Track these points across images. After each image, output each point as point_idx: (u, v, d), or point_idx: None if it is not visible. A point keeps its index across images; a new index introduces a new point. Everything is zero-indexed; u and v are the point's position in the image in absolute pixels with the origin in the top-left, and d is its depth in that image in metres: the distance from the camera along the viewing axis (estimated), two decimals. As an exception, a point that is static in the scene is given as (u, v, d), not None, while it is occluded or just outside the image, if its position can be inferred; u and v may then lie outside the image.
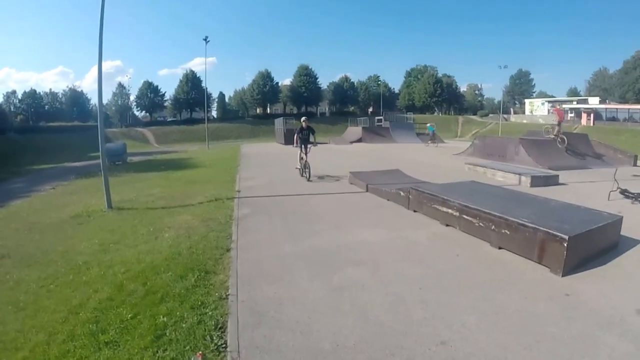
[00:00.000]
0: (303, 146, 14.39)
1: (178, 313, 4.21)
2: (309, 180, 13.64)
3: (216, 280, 5.11)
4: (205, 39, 51.29)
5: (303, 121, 14.90)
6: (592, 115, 77.38)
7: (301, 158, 14.37)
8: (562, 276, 5.38)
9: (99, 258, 6.29)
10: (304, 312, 4.19)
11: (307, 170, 14.00)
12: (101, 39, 10.33)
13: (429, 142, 38.67)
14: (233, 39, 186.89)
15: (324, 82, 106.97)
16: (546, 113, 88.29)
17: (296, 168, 14.99)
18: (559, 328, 4.01)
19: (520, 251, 6.08)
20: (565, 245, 5.34)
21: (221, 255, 6.07)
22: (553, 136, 25.03)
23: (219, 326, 3.98)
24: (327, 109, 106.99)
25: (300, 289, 4.78)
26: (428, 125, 44.35)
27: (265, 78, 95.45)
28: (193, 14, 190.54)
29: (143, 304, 4.48)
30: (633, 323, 4.19)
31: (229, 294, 4.66)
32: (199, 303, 4.44)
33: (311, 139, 14.71)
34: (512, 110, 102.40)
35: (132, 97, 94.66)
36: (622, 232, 7.15)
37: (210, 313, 4.21)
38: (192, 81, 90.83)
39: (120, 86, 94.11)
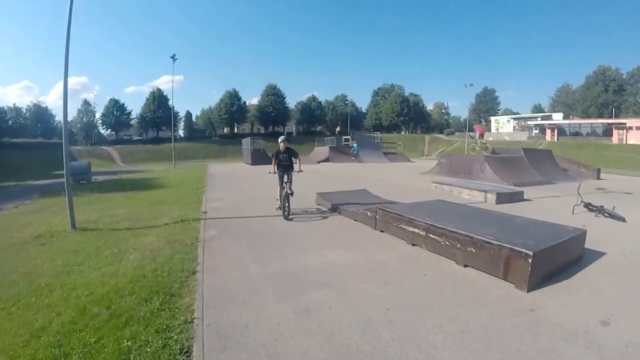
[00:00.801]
0: (284, 174, 11.46)
1: (142, 337, 4.13)
2: (287, 218, 10.67)
3: (181, 304, 5.03)
4: (172, 57, 51.07)
5: (281, 142, 11.65)
6: (556, 130, 79.35)
7: (283, 188, 11.24)
8: (528, 292, 5.48)
9: (62, 280, 6.14)
10: (270, 335, 4.16)
11: (286, 204, 10.87)
12: (67, 54, 10.11)
13: (353, 159, 41.89)
14: (201, 57, 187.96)
15: (291, 101, 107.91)
16: (511, 130, 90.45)
17: (277, 202, 11.74)
18: (524, 343, 4.07)
19: (485, 268, 6.16)
20: (530, 261, 5.45)
21: (187, 278, 5.97)
22: (478, 148, 26.53)
23: (184, 350, 3.92)
24: (294, 128, 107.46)
25: (267, 312, 4.74)
26: (354, 145, 45.77)
27: (233, 97, 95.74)
28: (161, 31, 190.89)
29: (107, 327, 4.38)
30: (598, 335, 4.30)
31: (194, 318, 4.59)
32: (164, 327, 4.35)
33: (294, 164, 11.90)
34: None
35: (97, 115, 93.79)
36: (587, 246, 7.36)
37: (175, 337, 4.14)
38: (159, 99, 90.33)
39: (86, 103, 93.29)
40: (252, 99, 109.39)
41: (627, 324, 4.60)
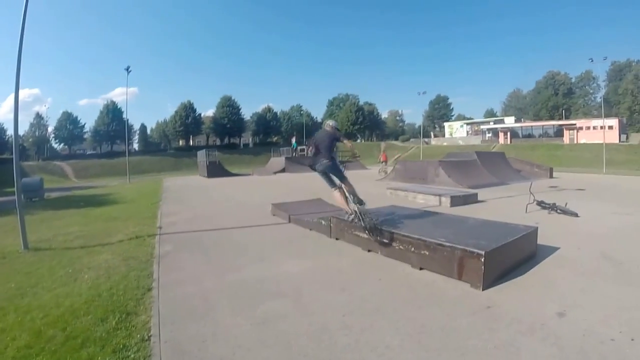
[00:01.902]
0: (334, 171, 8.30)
1: (99, 358, 4.03)
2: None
3: (138, 322, 4.93)
4: (127, 69, 49.93)
5: (328, 126, 8.52)
6: (508, 133, 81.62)
7: (339, 188, 8.30)
8: (483, 290, 5.60)
9: (16, 303, 5.90)
10: (227, 348, 4.13)
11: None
12: (19, 66, 9.78)
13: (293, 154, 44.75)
14: (155, 68, 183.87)
15: (247, 112, 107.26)
16: (465, 135, 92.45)
17: (347, 214, 8.43)
18: (482, 340, 4.17)
19: (440, 270, 6.27)
20: (483, 260, 5.58)
21: (142, 295, 5.86)
22: (384, 173, 28.50)
23: (142, 369, 3.84)
24: (250, 139, 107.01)
25: (223, 325, 4.70)
26: (293, 142, 46.83)
27: (188, 109, 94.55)
28: (115, 42, 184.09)
29: (63, 350, 4.25)
30: (554, 326, 4.44)
31: (151, 335, 4.50)
32: (121, 346, 4.25)
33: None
34: (432, 134, 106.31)
35: (50, 129, 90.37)
36: (540, 242, 7.60)
37: (132, 356, 4.06)
38: (112, 112, 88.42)
39: (38, 116, 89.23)
40: (208, 111, 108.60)
41: (582, 314, 4.77)
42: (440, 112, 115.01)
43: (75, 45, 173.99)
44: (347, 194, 8.16)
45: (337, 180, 8.27)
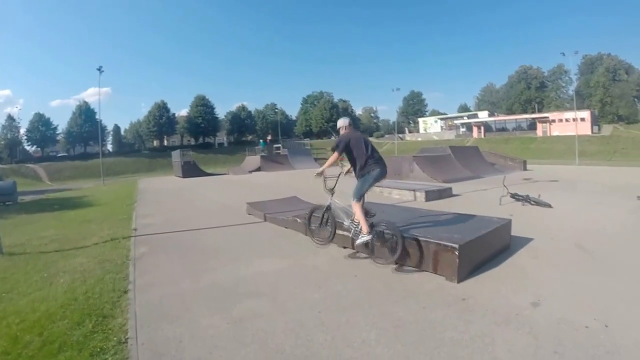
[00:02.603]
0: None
1: (77, 362, 4.00)
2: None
3: (114, 324, 4.88)
4: (99, 69, 49.15)
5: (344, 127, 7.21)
6: (482, 128, 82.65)
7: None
8: (458, 282, 5.68)
9: (-8, 309, 5.87)
10: (204, 348, 4.12)
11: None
12: None
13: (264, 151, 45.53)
14: (128, 68, 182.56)
15: (221, 112, 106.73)
16: (439, 130, 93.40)
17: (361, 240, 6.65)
18: (457, 331, 4.23)
19: (415, 265, 6.33)
20: (457, 253, 5.65)
21: (118, 298, 5.80)
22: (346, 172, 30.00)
23: (120, 372, 3.81)
24: (225, 139, 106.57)
25: (200, 326, 4.70)
26: (261, 142, 47.26)
27: (162, 109, 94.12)
28: (88, 41, 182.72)
29: (40, 355, 4.19)
30: (529, 316, 4.54)
31: (128, 338, 4.47)
32: (98, 349, 4.21)
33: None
34: (406, 129, 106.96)
35: (22, 131, 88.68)
36: (515, 233, 7.73)
37: (109, 359, 4.03)
38: (85, 113, 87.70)
39: (10, 118, 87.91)
40: (182, 110, 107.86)
41: (557, 302, 4.88)
42: (414, 108, 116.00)
43: (47, 45, 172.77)
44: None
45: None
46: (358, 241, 6.65)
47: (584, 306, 4.74)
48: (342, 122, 7.25)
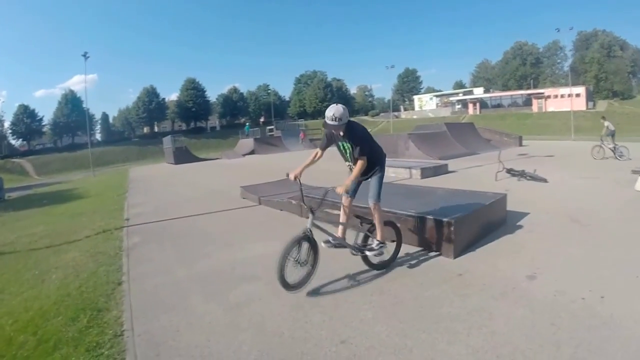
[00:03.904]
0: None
1: (73, 358, 4.01)
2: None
3: (110, 318, 4.91)
4: (84, 55, 48.25)
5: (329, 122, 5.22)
6: (478, 104, 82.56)
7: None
8: (454, 258, 5.77)
9: (-17, 312, 5.88)
10: (202, 335, 4.17)
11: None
12: None
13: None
14: (114, 53, 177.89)
15: (212, 94, 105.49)
16: (434, 107, 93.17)
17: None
18: (455, 307, 4.32)
19: (412, 241, 6.40)
20: (452, 229, 5.74)
21: (113, 290, 5.82)
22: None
23: (117, 365, 3.85)
24: (217, 122, 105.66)
25: (196, 313, 4.74)
26: (246, 125, 47.22)
27: (151, 94, 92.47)
28: (69, 26, 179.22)
29: (35, 355, 4.20)
30: (525, 289, 4.64)
31: (124, 330, 4.50)
32: (94, 344, 4.23)
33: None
34: (402, 107, 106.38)
35: (6, 124, 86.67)
36: (510, 208, 7.81)
37: (106, 353, 4.05)
38: (72, 102, 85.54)
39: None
40: (171, 95, 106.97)
41: (553, 275, 4.98)
42: (409, 85, 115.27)
43: (28, 32, 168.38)
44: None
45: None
46: (379, 257, 5.50)
47: (580, 278, 4.83)
48: (344, 113, 5.14)
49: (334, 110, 5.12)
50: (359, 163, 5.16)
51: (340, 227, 5.61)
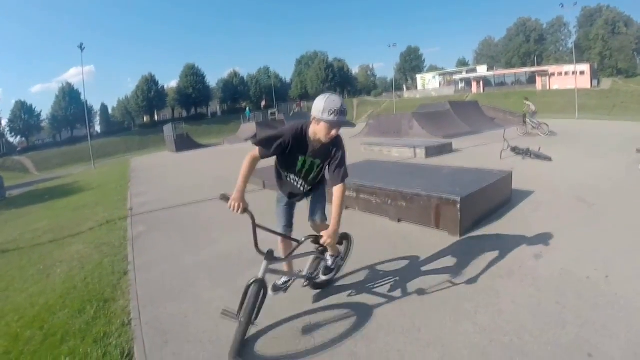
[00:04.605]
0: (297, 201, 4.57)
1: (81, 350, 4.05)
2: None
3: (117, 307, 4.97)
4: (80, 46, 48.12)
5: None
6: (481, 82, 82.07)
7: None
8: (461, 236, 5.83)
9: (-11, 310, 5.93)
10: (210, 321, 4.22)
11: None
12: None
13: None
14: (111, 42, 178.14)
15: (212, 80, 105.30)
16: (438, 86, 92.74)
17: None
18: (461, 286, 4.37)
19: (418, 220, 6.45)
20: (458, 206, 5.77)
21: (119, 280, 5.89)
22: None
23: (126, 354, 3.90)
24: (218, 108, 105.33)
25: (204, 299, 4.80)
26: (247, 110, 46.95)
27: (150, 83, 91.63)
28: (62, 18, 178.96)
29: (43, 349, 4.25)
30: (532, 267, 4.69)
31: (131, 319, 4.56)
32: (102, 335, 4.30)
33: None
34: (404, 86, 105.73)
35: (4, 122, 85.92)
36: (516, 186, 7.86)
37: (114, 342, 4.10)
38: (69, 95, 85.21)
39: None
40: (171, 82, 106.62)
41: (558, 255, 5.01)
42: (411, 64, 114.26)
43: (21, 25, 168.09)
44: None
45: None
46: (329, 275, 4.53)
47: (585, 257, 4.86)
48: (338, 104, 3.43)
49: (342, 101, 3.48)
50: (340, 191, 3.80)
51: (285, 263, 4.42)
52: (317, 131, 3.55)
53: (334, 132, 3.52)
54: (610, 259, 4.77)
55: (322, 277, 4.54)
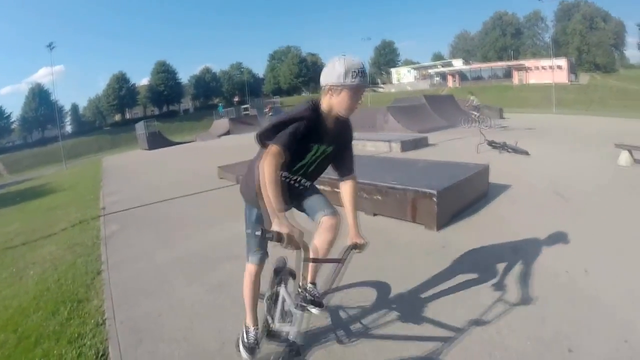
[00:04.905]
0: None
1: (55, 352, 3.99)
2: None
3: (90, 308, 4.92)
4: (49, 46, 47.59)
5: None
6: (457, 76, 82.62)
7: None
8: (437, 230, 5.85)
9: (-39, 316, 5.82)
10: (185, 318, 4.21)
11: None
12: None
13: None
14: (80, 41, 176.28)
15: (184, 76, 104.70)
16: (413, 80, 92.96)
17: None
18: (439, 279, 4.39)
19: (394, 214, 6.48)
20: (435, 200, 5.80)
21: (92, 280, 5.82)
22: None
23: (100, 354, 3.85)
24: (190, 104, 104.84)
25: (178, 296, 4.77)
26: (219, 106, 47.07)
27: (121, 80, 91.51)
28: (30, 16, 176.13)
29: (17, 353, 4.18)
30: (509, 260, 4.72)
31: (105, 319, 4.51)
32: (76, 335, 4.25)
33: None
34: (379, 80, 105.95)
35: None
36: (493, 180, 7.93)
37: (88, 343, 4.06)
38: (40, 95, 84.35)
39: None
40: (142, 80, 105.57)
41: (536, 248, 5.09)
42: (386, 57, 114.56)
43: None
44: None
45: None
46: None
47: (563, 252, 4.93)
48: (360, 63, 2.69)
49: (361, 60, 2.69)
50: (354, 187, 3.26)
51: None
52: (335, 104, 2.74)
53: (362, 98, 2.79)
54: (589, 253, 4.83)
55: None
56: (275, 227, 2.28)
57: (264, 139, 2.69)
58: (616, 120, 19.24)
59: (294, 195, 3.11)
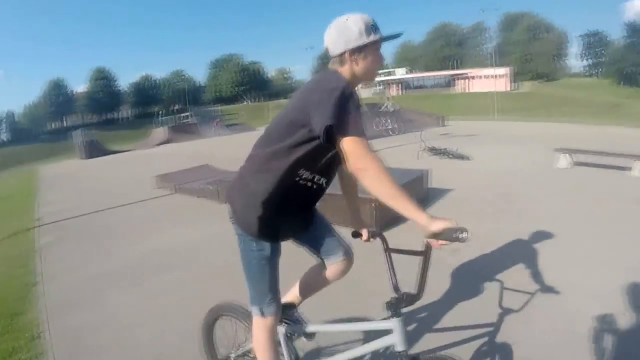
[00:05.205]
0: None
1: (-13, 368, 3.91)
2: None
3: (25, 321, 4.79)
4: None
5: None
6: (400, 85, 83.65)
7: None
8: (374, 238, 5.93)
9: None
10: (122, 329, 4.17)
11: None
12: None
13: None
14: (19, 46, 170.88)
15: (123, 83, 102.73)
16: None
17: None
18: (379, 281, 4.44)
19: (333, 219, 6.45)
20: (374, 205, 5.99)
21: (27, 293, 5.66)
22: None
23: (36, 368, 3.78)
24: (129, 112, 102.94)
25: (114, 307, 4.73)
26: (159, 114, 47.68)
27: (58, 87, 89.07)
28: None
29: None
30: (449, 263, 4.93)
31: (40, 332, 4.41)
32: (10, 350, 4.12)
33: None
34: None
35: None
36: (434, 185, 8.31)
37: (23, 357, 3.96)
38: None
39: None
40: (80, 87, 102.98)
41: (477, 250, 5.27)
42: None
43: None
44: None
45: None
46: None
47: (505, 252, 5.17)
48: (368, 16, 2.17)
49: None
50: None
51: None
52: (361, 71, 2.22)
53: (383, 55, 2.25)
54: (530, 252, 5.06)
55: None
56: (438, 226, 1.64)
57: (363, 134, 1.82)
58: (556, 126, 20.01)
59: (311, 201, 2.60)
